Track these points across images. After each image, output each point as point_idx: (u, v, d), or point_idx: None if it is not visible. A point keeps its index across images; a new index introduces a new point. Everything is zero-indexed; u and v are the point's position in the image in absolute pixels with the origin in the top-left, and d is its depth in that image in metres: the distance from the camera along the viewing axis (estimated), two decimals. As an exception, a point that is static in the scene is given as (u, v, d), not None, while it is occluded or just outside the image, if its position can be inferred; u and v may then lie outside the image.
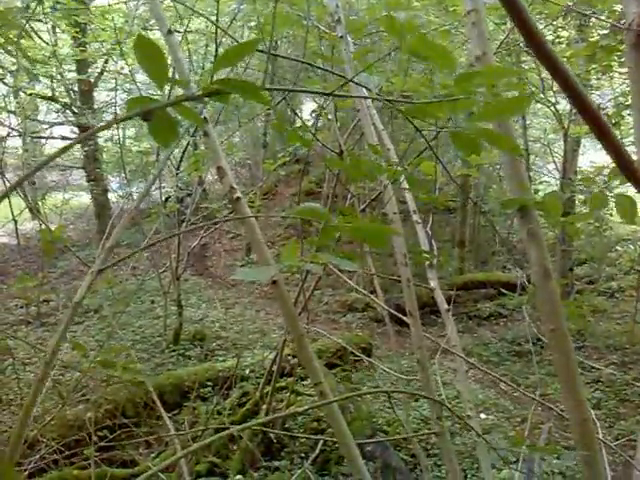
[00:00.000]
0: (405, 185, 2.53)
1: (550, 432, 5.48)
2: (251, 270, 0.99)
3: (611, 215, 11.67)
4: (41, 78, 10.58)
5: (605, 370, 6.56)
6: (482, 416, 5.61)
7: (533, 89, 8.06)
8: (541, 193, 10.22)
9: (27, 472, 4.01)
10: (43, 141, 13.73)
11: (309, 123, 13.01)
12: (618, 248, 10.55)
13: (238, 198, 1.64)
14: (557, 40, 7.54)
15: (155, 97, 1.00)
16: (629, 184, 1.30)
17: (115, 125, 11.07)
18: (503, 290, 9.79)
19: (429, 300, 5.48)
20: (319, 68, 3.68)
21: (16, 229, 8.26)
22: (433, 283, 2.43)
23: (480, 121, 1.23)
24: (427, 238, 2.70)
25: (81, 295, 1.67)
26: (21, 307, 8.19)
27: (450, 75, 1.18)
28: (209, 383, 5.68)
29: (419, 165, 1.80)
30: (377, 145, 2.41)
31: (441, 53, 1.15)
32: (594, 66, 6.91)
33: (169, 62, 1.03)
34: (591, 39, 6.93)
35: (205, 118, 1.87)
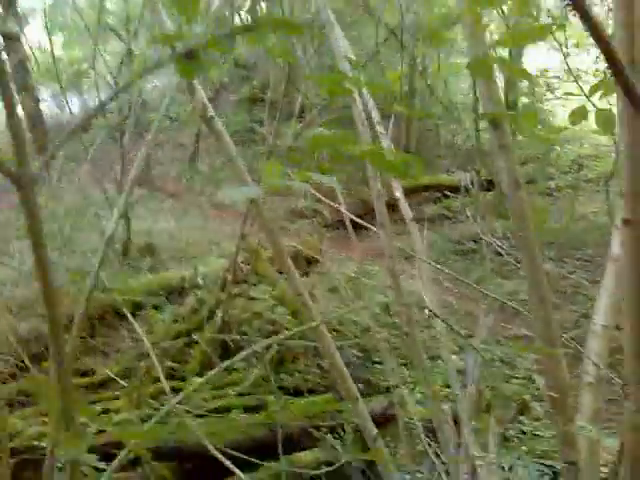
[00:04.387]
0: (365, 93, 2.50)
1: (493, 324, 5.82)
2: (235, 190, 0.99)
3: (551, 118, 11.91)
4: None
5: (543, 266, 6.92)
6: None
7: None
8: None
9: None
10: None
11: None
12: (557, 148, 10.84)
13: (212, 117, 1.62)
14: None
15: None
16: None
17: (45, 31, 10.39)
18: (447, 193, 10.05)
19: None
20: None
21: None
22: (397, 193, 2.47)
23: (504, 48, 1.23)
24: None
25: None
26: None
27: None
28: (162, 293, 5.73)
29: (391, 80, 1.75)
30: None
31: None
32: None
33: None
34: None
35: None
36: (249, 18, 12.62)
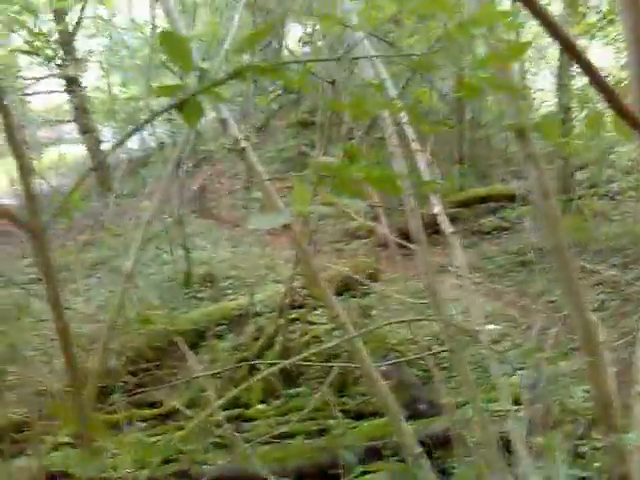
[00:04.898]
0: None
1: (557, 336, 5.66)
2: (265, 217, 1.02)
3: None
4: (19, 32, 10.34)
5: (607, 272, 6.68)
6: (491, 327, 5.78)
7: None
8: (537, 102, 10.09)
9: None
10: (27, 98, 13.52)
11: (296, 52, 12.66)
12: (617, 150, 10.47)
13: (244, 149, 1.69)
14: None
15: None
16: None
17: (102, 73, 10.89)
18: (504, 203, 9.84)
19: (430, 220, 5.56)
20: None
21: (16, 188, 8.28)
22: (437, 209, 2.48)
23: (485, 67, 1.26)
24: (427, 165, 2.71)
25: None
26: (31, 266, 8.30)
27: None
28: (224, 322, 5.85)
29: (420, 99, 1.76)
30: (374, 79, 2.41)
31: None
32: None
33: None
34: None
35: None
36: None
